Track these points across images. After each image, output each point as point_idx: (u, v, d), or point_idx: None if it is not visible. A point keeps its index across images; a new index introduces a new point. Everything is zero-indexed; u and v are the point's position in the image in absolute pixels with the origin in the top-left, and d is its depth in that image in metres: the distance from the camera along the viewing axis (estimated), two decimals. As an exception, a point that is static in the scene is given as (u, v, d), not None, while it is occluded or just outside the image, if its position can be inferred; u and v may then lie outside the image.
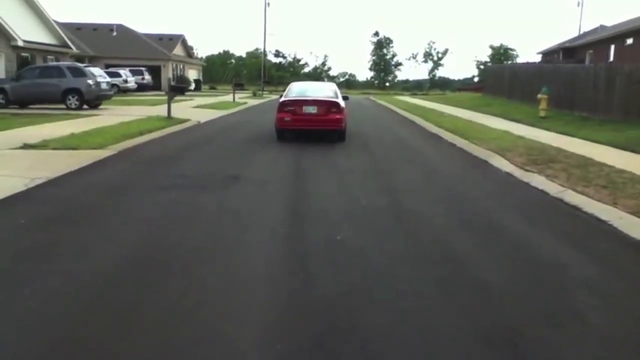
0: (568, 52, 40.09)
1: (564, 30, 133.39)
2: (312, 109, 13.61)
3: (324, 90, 14.99)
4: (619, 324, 3.77)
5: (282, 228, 5.97)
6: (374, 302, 4.00)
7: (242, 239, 5.53)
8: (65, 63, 25.73)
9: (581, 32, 47.25)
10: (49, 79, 21.90)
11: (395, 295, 4.14)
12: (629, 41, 27.59)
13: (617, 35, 29.23)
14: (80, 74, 22.00)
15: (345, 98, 14.90)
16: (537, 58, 49.56)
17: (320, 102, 13.72)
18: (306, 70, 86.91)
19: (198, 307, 3.88)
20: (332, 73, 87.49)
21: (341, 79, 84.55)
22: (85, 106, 21.89)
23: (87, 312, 3.79)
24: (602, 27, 40.49)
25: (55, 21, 33.41)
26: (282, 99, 14.25)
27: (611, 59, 29.42)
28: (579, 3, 53.68)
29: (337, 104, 13.80)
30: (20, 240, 5.41)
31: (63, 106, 21.53)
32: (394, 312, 3.86)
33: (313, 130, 13.76)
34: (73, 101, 21.65)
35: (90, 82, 21.81)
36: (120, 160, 10.35)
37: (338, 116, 13.63)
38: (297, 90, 15.04)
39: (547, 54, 45.99)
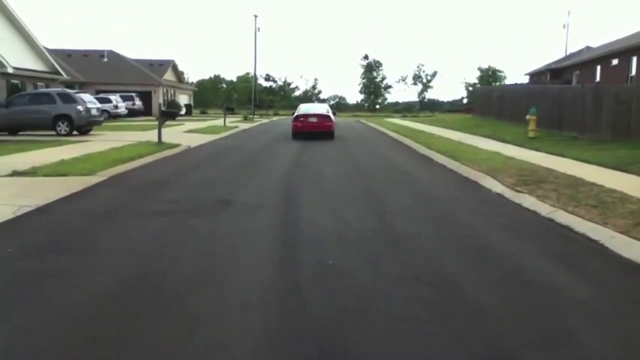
0: (555, 73, 40.56)
1: (550, 51, 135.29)
2: (313, 119, 22.89)
3: (321, 109, 25.11)
4: (613, 346, 3.74)
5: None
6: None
7: (235, 265, 5.49)
8: (55, 89, 25.70)
9: (567, 54, 47.97)
10: (39, 105, 21.84)
11: (386, 315, 4.10)
12: (615, 62, 27.97)
13: (603, 56, 29.64)
14: (70, 100, 21.98)
15: (334, 113, 25.05)
16: (525, 79, 50.13)
17: (318, 115, 23.23)
18: (297, 93, 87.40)
19: (189, 335, 3.81)
20: (322, 96, 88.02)
21: (332, 102, 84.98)
22: (75, 132, 21.84)
23: (75, 342, 3.71)
24: (588, 49, 41.12)
25: (46, 48, 33.48)
26: (295, 114, 23.38)
27: (597, 79, 29.79)
28: (564, 25, 54.64)
29: (329, 117, 23.35)
30: (7, 268, 5.33)
31: (53, 132, 21.46)
32: (387, 334, 3.82)
33: (314, 132, 22.23)
34: (63, 127, 21.59)
35: (80, 108, 21.78)
36: (111, 186, 10.28)
37: (329, 124, 22.96)
38: (304, 108, 24.58)
39: (535, 75, 46.53)
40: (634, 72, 25.28)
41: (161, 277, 5.09)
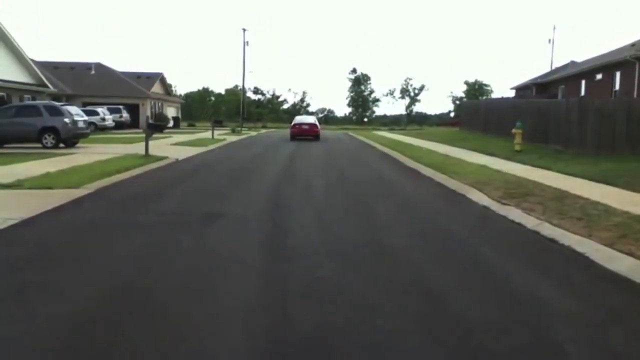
0: (541, 87, 40.99)
1: (536, 66, 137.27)
2: (306, 127, 33.78)
3: (310, 119, 36.53)
4: (596, 357, 3.76)
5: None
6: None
7: (225, 278, 5.47)
8: (41, 102, 25.54)
9: (553, 68, 48.47)
10: (25, 118, 21.67)
11: (373, 321, 4.10)
12: (599, 76, 28.37)
13: (588, 71, 30.04)
14: (56, 112, 21.84)
15: (320, 123, 36.96)
16: (511, 93, 50.52)
17: (309, 124, 34.41)
18: (285, 106, 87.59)
19: (175, 350, 3.78)
20: (310, 109, 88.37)
21: (320, 115, 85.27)
22: (61, 145, 21.68)
23: (58, 358, 3.67)
24: (573, 63, 41.57)
25: (33, 60, 33.34)
26: (293, 123, 34.89)
27: (582, 93, 30.16)
28: (550, 40, 55.40)
29: (316, 125, 34.52)
30: (-10, 283, 5.26)
31: (39, 145, 21.29)
32: (375, 346, 3.82)
33: (306, 135, 32.67)
34: (49, 140, 21.42)
35: (66, 120, 21.64)
36: (97, 199, 10.21)
37: (316, 129, 33.77)
38: (299, 119, 36.24)
39: (521, 89, 46.95)
40: (617, 86, 25.65)
41: (147, 291, 5.04)
